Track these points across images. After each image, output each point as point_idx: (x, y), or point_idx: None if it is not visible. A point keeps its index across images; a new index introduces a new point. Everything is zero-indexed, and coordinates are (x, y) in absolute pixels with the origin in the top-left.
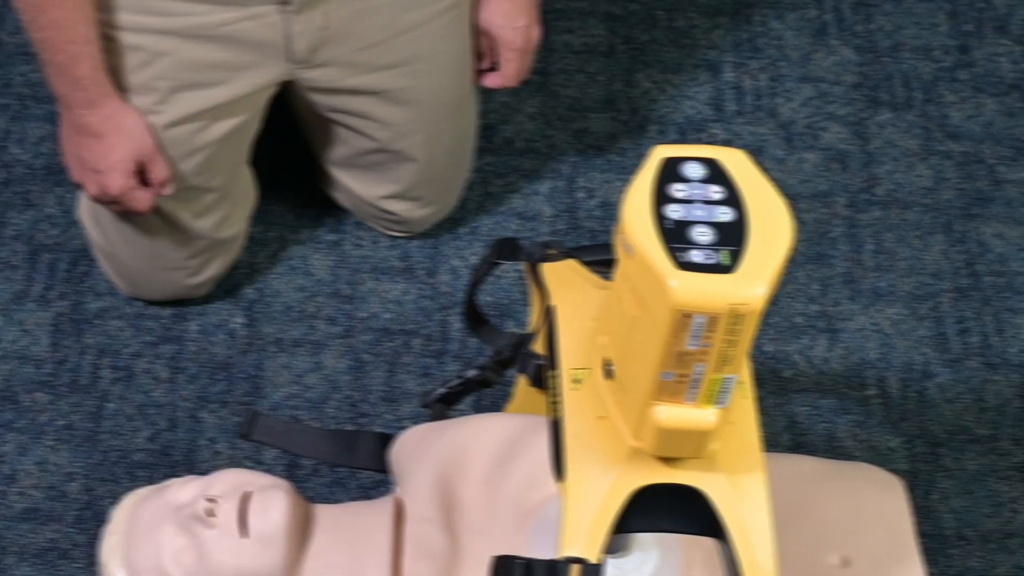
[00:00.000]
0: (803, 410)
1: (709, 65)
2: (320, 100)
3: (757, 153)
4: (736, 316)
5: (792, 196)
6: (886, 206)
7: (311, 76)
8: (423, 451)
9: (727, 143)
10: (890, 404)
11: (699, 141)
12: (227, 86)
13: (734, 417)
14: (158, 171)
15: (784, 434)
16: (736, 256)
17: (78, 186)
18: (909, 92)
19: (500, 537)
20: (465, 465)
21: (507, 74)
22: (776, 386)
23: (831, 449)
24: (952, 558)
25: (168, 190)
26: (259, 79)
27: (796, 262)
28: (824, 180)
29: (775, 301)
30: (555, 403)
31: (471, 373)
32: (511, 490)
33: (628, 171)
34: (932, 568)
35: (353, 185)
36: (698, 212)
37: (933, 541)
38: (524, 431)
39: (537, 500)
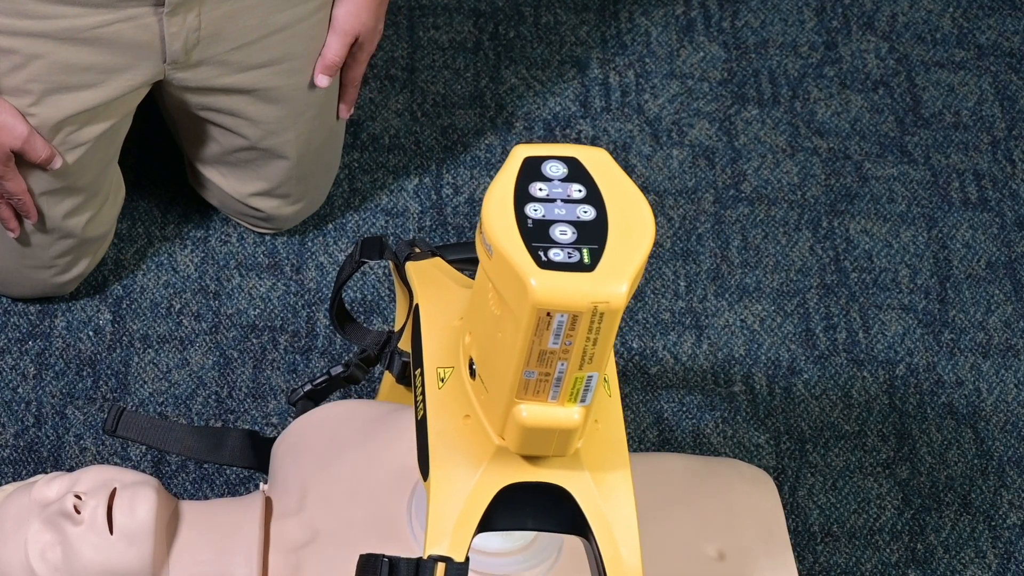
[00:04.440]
0: (670, 407)
1: (576, 62)
2: (192, 99)
3: (624, 150)
4: (598, 314)
5: (659, 193)
6: (753, 202)
7: (184, 76)
8: (294, 447)
9: (594, 140)
10: (757, 400)
11: (566, 138)
12: (101, 88)
13: (599, 415)
14: (38, 152)
15: (651, 431)
16: (597, 254)
17: None
18: (776, 89)
19: (374, 504)
20: (334, 446)
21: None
22: (642, 383)
23: (698, 446)
24: (819, 554)
25: (57, 163)
26: (133, 80)
27: (663, 258)
28: (691, 176)
29: (641, 298)
30: (419, 402)
31: (337, 370)
32: (392, 455)
33: (495, 167)
34: (799, 564)
35: (222, 182)
36: (559, 211)
37: (800, 537)
38: (396, 408)
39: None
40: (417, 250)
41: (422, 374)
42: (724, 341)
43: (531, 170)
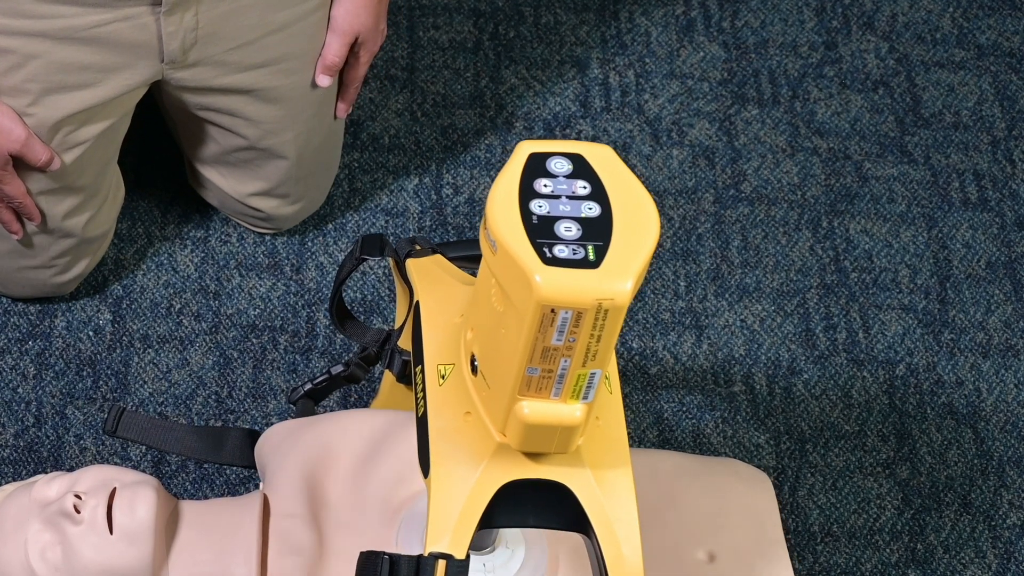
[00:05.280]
0: (670, 406)
1: (576, 61)
2: (190, 99)
3: (624, 150)
4: (602, 311)
5: (659, 192)
6: (753, 202)
7: (182, 76)
8: (289, 447)
9: (594, 139)
10: (757, 400)
11: (566, 137)
12: (99, 88)
13: (600, 413)
14: (37, 155)
15: (651, 430)
16: (602, 251)
17: None
18: (776, 89)
19: (367, 532)
20: (332, 461)
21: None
22: (643, 382)
23: (698, 445)
24: (819, 554)
25: (56, 165)
26: (131, 80)
27: (663, 258)
28: (691, 176)
29: (642, 297)
30: (420, 399)
31: (337, 369)
32: (378, 486)
33: (495, 167)
34: (798, 564)
35: (221, 182)
36: (564, 207)
37: (800, 537)
38: (391, 427)
39: (405, 496)
40: (418, 247)
41: (423, 371)
42: (724, 341)
43: (536, 166)
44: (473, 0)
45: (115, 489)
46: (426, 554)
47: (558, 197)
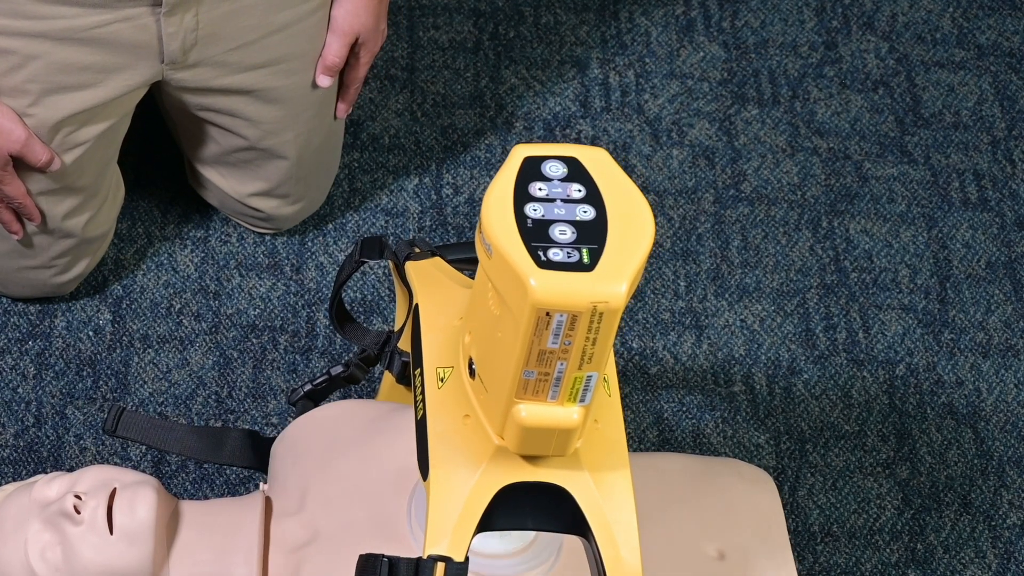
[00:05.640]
0: (670, 407)
1: (576, 61)
2: (190, 99)
3: (624, 150)
4: (597, 314)
5: (659, 192)
6: (753, 202)
7: (182, 77)
8: (303, 448)
9: (594, 140)
10: (757, 400)
11: (566, 138)
12: (99, 88)
13: (599, 415)
14: (37, 156)
15: (651, 430)
16: (596, 254)
17: None
18: (776, 89)
19: (382, 501)
20: (343, 439)
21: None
22: (643, 383)
23: (698, 446)
24: (819, 554)
25: (56, 166)
26: (131, 81)
27: (663, 258)
28: (691, 176)
29: (642, 297)
30: (419, 402)
31: (337, 370)
32: (394, 455)
33: (495, 167)
34: (799, 564)
35: (221, 182)
36: (558, 211)
37: (800, 537)
38: (402, 407)
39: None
40: (417, 250)
41: (422, 374)
42: (724, 341)
43: (531, 170)
44: (473, 0)
45: (115, 489)
46: (425, 556)
47: (553, 200)
